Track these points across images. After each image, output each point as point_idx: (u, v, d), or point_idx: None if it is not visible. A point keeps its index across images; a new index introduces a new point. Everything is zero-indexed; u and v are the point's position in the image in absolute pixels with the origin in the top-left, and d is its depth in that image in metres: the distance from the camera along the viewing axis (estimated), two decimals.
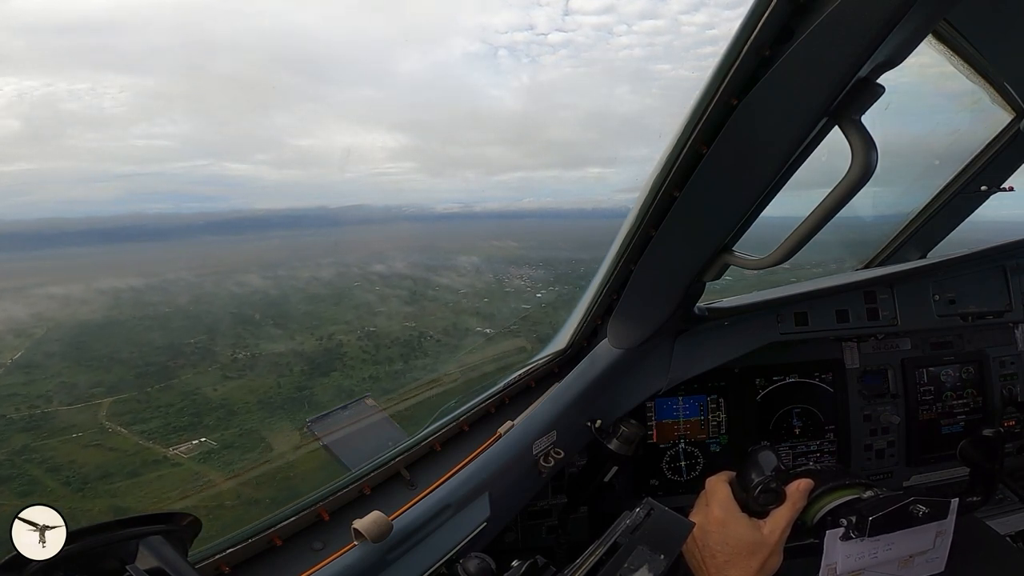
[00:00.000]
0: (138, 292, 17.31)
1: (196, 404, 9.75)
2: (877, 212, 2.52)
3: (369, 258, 20.82)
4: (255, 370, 11.37)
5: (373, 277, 18.76)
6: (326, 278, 19.21)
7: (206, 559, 1.12)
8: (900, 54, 0.90)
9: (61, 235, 34.35)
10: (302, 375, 11.17)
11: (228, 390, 10.22)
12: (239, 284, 17.59)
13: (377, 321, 14.78)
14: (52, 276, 17.65)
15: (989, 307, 2.12)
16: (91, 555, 0.80)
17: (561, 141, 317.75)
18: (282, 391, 10.30)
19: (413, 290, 17.54)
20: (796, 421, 2.03)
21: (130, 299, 16.85)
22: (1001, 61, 1.61)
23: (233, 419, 9.06)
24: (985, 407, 2.19)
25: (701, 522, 1.27)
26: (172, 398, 9.89)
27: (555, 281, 13.19)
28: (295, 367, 11.46)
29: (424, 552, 1.26)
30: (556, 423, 1.60)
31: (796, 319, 1.93)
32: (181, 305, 16.35)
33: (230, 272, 19.26)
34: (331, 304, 16.52)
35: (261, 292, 17.56)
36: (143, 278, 18.22)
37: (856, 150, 0.91)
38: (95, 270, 17.62)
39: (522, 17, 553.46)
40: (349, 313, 15.60)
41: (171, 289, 17.76)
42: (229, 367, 11.31)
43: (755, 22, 0.88)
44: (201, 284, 18.54)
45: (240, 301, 16.36)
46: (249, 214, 35.97)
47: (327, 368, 11.66)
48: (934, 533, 1.30)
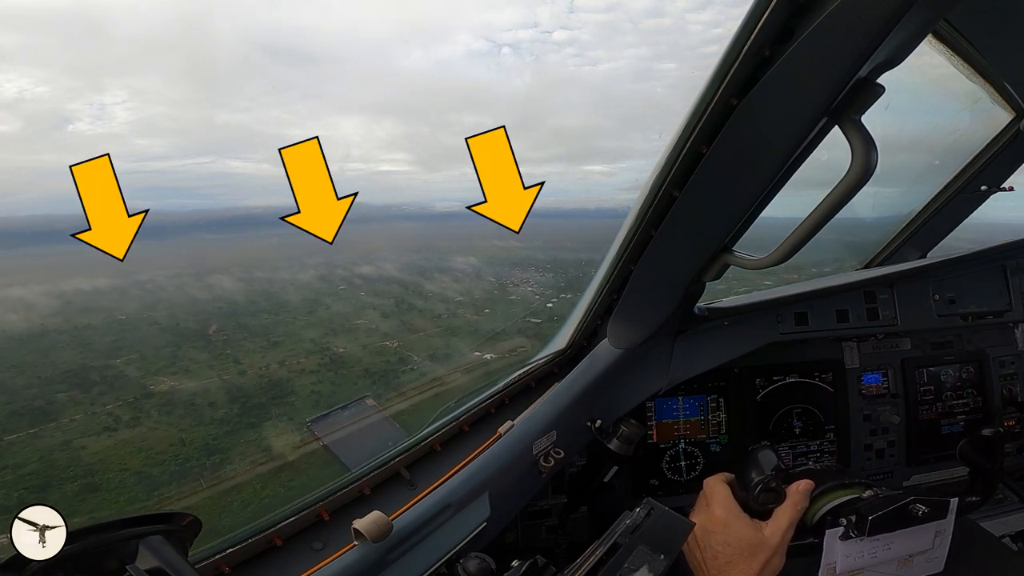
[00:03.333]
0: (93, 296, 15.40)
1: (53, 466, 7.10)
2: (877, 212, 2.52)
3: (358, 258, 18.63)
4: (165, 413, 8.91)
5: (357, 281, 16.66)
6: (305, 281, 17.25)
7: (206, 559, 1.12)
8: (900, 54, 0.90)
9: (52, 232, 33.16)
10: (222, 425, 8.64)
11: (110, 446, 7.60)
12: (207, 288, 15.78)
13: (350, 339, 12.33)
14: (19, 276, 15.90)
15: (989, 307, 2.12)
16: (91, 555, 0.80)
17: (567, 132, 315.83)
18: (181, 456, 7.51)
19: (400, 298, 15.22)
20: (796, 421, 2.03)
21: (79, 304, 14.91)
22: (1001, 61, 1.61)
23: (88, 499, 6.49)
24: (985, 407, 2.19)
25: (703, 522, 1.26)
26: (25, 455, 7.25)
27: (567, 287, 11.82)
28: (219, 411, 9.02)
29: (424, 552, 1.26)
30: (556, 423, 1.60)
31: (796, 319, 1.93)
32: (132, 312, 14.41)
33: (205, 273, 17.47)
34: (303, 313, 14.30)
35: (227, 299, 15.56)
36: (114, 279, 16.39)
37: (856, 150, 0.91)
38: (70, 269, 15.54)
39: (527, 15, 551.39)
40: (316, 329, 13.10)
41: (132, 292, 15.85)
42: (129, 408, 8.76)
43: (755, 22, 0.88)
44: (165, 287, 16.66)
45: (198, 309, 14.52)
46: (245, 211, 35.24)
47: (261, 414, 9.11)
48: (933, 533, 1.30)
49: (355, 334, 13.21)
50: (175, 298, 15.67)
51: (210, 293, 15.88)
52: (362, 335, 13.11)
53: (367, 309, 14.77)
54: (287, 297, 16.04)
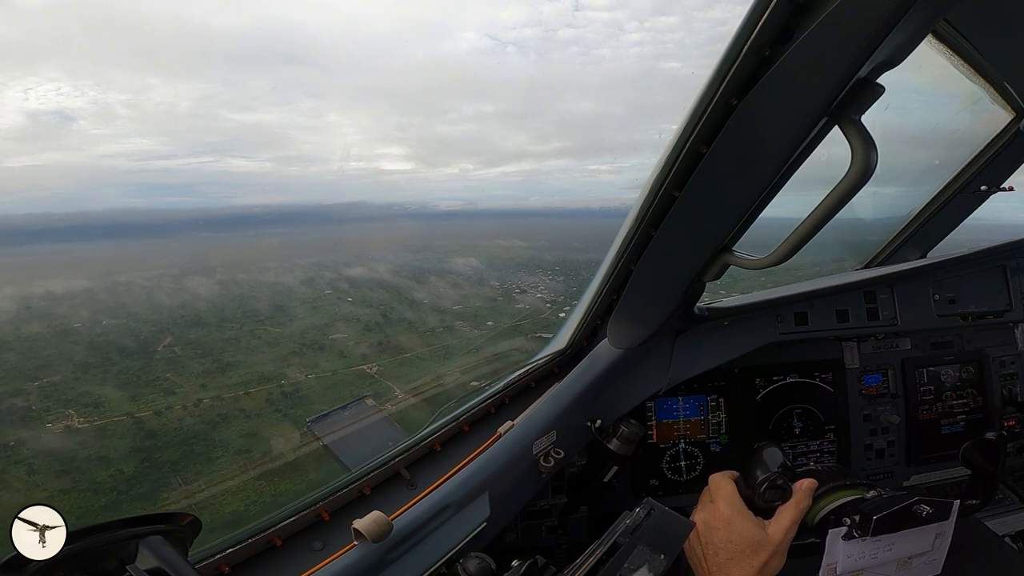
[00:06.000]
0: (54, 301, 13.87)
1: None
2: (877, 212, 2.53)
3: (353, 259, 16.83)
4: (29, 471, 6.61)
5: (343, 285, 14.40)
6: (288, 285, 15.34)
7: (206, 559, 1.12)
8: (900, 54, 0.90)
9: (48, 231, 31.62)
10: (96, 496, 6.13)
11: None
12: (180, 291, 13.99)
13: (321, 359, 9.75)
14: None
15: (989, 307, 2.12)
16: (91, 555, 0.80)
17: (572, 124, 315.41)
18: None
19: (389, 307, 12.85)
20: (796, 421, 2.03)
21: (38, 310, 13.51)
22: (1001, 61, 1.61)
23: None
24: (985, 407, 2.19)
25: (706, 519, 1.26)
26: None
27: (580, 293, 9.14)
28: (107, 469, 6.58)
29: (424, 552, 1.26)
30: (556, 423, 1.60)
31: (796, 319, 1.93)
32: (88, 319, 12.76)
33: (185, 275, 15.83)
34: (275, 323, 12.02)
35: (193, 306, 13.61)
36: (92, 280, 15.19)
37: (856, 150, 0.91)
38: (53, 269, 15.00)
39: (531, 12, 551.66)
40: (283, 346, 10.67)
41: (101, 296, 14.34)
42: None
43: (755, 22, 0.88)
44: (136, 291, 15.05)
45: (160, 317, 12.65)
46: (244, 210, 34.11)
47: (160, 480, 6.57)
48: (933, 535, 1.30)
49: (327, 354, 11.01)
50: (141, 303, 14.16)
51: (180, 298, 14.29)
52: (335, 356, 10.93)
53: (349, 321, 12.74)
54: (259, 306, 14.14)
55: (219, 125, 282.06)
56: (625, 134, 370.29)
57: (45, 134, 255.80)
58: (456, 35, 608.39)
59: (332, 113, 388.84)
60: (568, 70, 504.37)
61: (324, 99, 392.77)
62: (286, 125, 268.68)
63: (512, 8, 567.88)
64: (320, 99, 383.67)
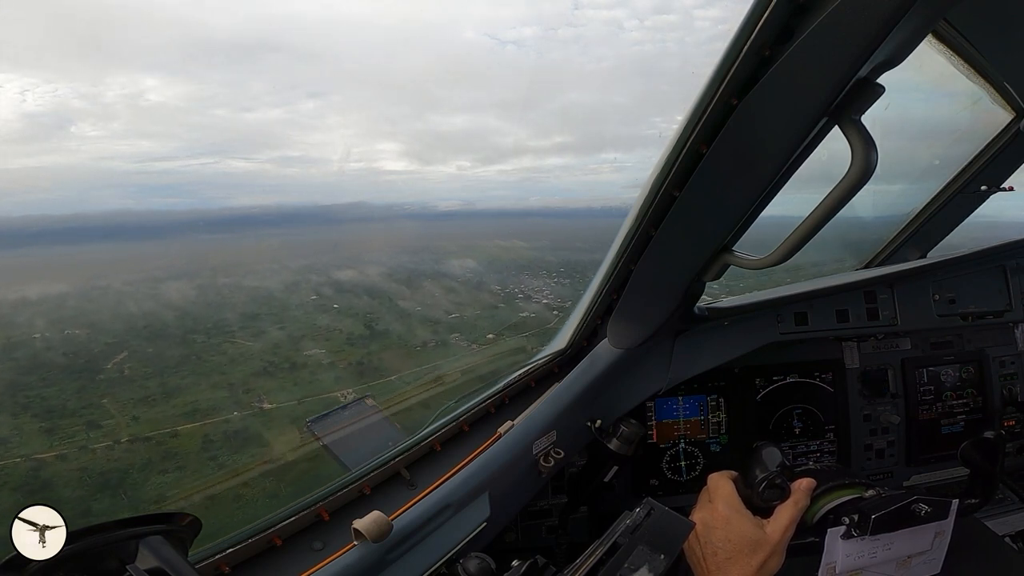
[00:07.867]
0: (28, 306, 12.88)
1: None
2: (877, 212, 2.53)
3: (342, 261, 15.56)
4: None
5: (327, 291, 12.86)
6: (271, 290, 14.06)
7: (206, 559, 1.12)
8: (900, 54, 0.90)
9: (42, 232, 30.98)
10: None
11: None
12: (153, 297, 12.92)
13: (289, 382, 7.97)
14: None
15: (989, 307, 2.12)
16: (91, 555, 0.80)
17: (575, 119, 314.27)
18: None
19: (376, 318, 11.37)
20: (796, 421, 2.03)
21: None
22: (1001, 61, 1.61)
23: None
24: (985, 407, 2.19)
25: (705, 518, 1.26)
26: None
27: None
28: None
29: (424, 552, 1.26)
30: (556, 423, 1.60)
31: (796, 319, 1.93)
32: (46, 330, 11.68)
33: (165, 279, 14.84)
34: (248, 335, 10.52)
35: (158, 315, 12.36)
36: (70, 284, 14.21)
37: (856, 150, 0.91)
38: (38, 273, 13.60)
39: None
40: (248, 364, 8.95)
41: (70, 303, 13.22)
42: None
43: (755, 22, 0.88)
44: (106, 298, 13.96)
45: (122, 328, 11.45)
46: (242, 211, 33.81)
47: None
48: (933, 534, 1.30)
49: (299, 374, 9.31)
50: (105, 312, 12.99)
51: (149, 305, 13.21)
52: (306, 379, 9.11)
53: (331, 333, 11.30)
54: (232, 315, 12.84)
55: (219, 124, 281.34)
56: (628, 128, 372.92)
57: (43, 135, 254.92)
58: (454, 32, 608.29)
59: (332, 114, 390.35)
60: (567, 66, 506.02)
61: (324, 99, 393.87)
62: (286, 124, 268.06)
63: (512, 7, 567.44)
64: (320, 99, 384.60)
